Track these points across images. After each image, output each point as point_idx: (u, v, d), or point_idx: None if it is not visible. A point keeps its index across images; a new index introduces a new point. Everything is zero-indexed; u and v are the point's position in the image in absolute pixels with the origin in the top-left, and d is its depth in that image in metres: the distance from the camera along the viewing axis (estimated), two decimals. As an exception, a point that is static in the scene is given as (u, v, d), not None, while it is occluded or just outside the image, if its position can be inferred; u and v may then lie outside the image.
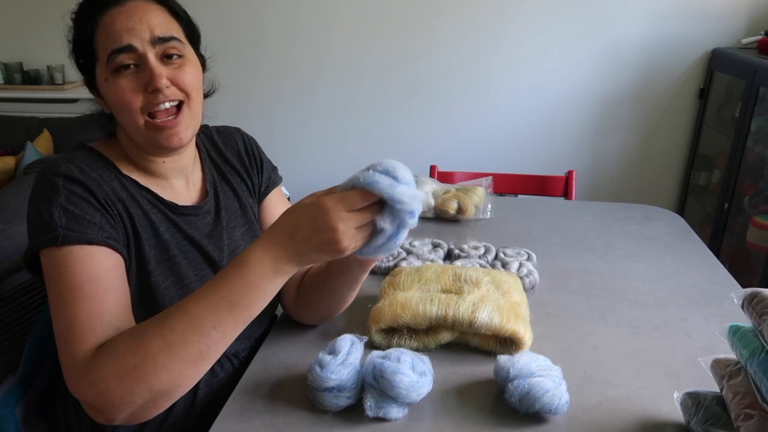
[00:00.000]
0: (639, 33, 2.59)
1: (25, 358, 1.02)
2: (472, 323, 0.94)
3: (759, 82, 2.12)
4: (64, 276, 0.77)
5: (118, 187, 0.87)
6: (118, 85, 0.84)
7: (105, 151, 0.91)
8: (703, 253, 1.40)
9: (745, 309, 0.71)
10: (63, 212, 0.79)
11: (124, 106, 0.85)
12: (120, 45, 0.82)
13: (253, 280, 0.72)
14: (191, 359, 0.72)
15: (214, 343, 0.72)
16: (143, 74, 0.84)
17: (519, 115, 2.78)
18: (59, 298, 0.76)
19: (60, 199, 0.80)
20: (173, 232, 0.93)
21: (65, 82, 3.05)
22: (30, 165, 2.37)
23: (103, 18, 0.84)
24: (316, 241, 0.71)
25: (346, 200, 0.71)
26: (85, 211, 0.81)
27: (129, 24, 0.83)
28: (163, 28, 0.86)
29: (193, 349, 0.71)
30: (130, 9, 0.84)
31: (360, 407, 0.83)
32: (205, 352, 0.72)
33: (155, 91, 0.84)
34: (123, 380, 0.70)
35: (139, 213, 0.89)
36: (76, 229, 0.79)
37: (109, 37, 0.83)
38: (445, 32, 2.71)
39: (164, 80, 0.84)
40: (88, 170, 0.84)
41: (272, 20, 2.81)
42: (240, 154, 1.08)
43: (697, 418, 0.76)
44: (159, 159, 0.93)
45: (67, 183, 0.81)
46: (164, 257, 0.91)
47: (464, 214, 1.56)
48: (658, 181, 2.81)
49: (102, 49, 0.84)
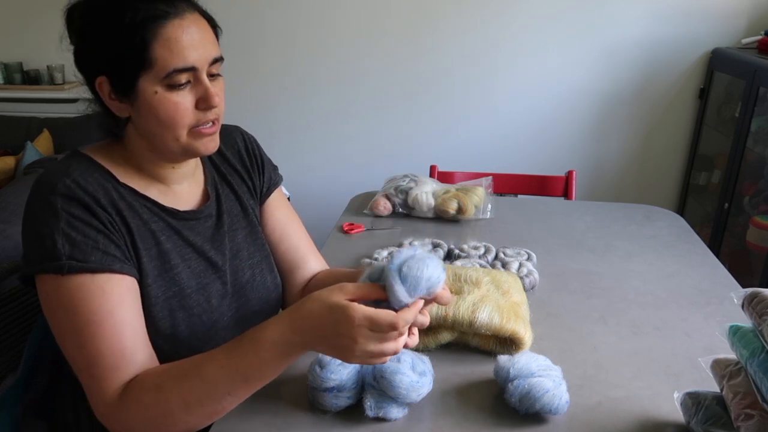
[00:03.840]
0: (639, 33, 2.59)
1: (25, 358, 1.02)
2: (472, 323, 0.94)
3: (759, 82, 2.12)
4: (80, 309, 0.78)
5: (116, 197, 0.85)
6: (172, 100, 0.82)
7: (101, 158, 0.88)
8: (703, 253, 1.40)
9: (745, 309, 0.71)
10: (65, 239, 0.78)
11: (172, 122, 0.83)
12: (186, 65, 0.81)
13: (268, 360, 0.75)
14: (207, 416, 0.78)
15: (229, 404, 0.78)
16: (195, 91, 0.84)
17: (519, 115, 2.78)
18: (77, 332, 0.78)
19: (61, 224, 0.79)
20: (175, 240, 0.91)
21: (65, 82, 3.04)
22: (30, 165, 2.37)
23: (164, 30, 0.80)
24: (334, 344, 0.73)
25: (374, 322, 0.71)
26: (88, 236, 0.80)
27: (193, 42, 0.82)
28: (217, 48, 0.86)
29: (208, 410, 0.77)
30: (192, 24, 0.82)
31: (360, 407, 0.83)
32: (220, 411, 0.78)
33: (208, 109, 0.85)
34: (146, 428, 0.78)
35: (139, 224, 0.87)
36: (80, 257, 0.78)
37: (173, 53, 0.80)
38: (446, 32, 2.71)
39: (217, 99, 0.85)
40: (84, 184, 0.82)
41: (272, 19, 2.81)
42: (241, 154, 1.06)
43: (697, 418, 0.76)
44: (170, 165, 0.92)
45: (66, 204, 0.80)
46: (165, 267, 0.89)
47: (464, 214, 1.56)
48: (658, 181, 2.81)
49: (161, 62, 0.80)
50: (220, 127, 0.90)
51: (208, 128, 0.87)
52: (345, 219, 1.60)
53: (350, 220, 1.59)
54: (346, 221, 1.57)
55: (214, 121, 0.88)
